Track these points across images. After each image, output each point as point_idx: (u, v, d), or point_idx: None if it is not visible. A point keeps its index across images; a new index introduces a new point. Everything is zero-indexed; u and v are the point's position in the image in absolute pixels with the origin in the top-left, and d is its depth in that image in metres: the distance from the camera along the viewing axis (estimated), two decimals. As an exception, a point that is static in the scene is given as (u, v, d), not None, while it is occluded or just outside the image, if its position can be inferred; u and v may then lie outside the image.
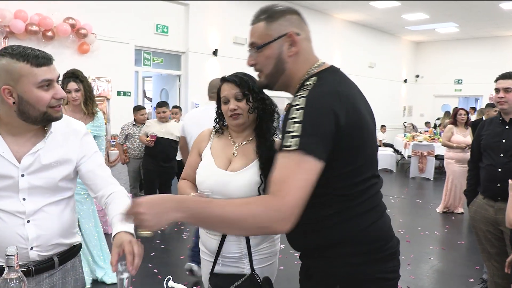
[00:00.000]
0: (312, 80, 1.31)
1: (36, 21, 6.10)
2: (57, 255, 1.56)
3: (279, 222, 1.14)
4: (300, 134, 1.18)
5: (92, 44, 6.84)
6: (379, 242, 1.36)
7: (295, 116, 1.21)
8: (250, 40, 1.41)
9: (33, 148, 1.47)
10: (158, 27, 8.20)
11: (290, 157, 1.18)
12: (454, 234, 5.58)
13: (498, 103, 2.92)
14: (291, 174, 1.16)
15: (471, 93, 15.41)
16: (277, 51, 1.36)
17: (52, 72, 1.40)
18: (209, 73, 9.11)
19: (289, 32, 1.34)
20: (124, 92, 7.52)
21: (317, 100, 1.23)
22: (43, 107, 1.40)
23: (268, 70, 1.39)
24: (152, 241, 4.97)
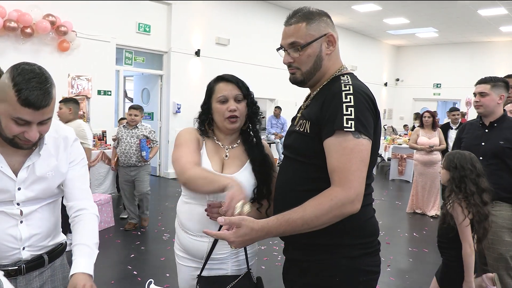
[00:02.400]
0: (346, 77, 1.47)
1: (14, 17, 5.97)
2: (46, 253, 1.58)
3: (350, 207, 1.31)
4: (354, 117, 1.33)
5: (72, 41, 6.73)
6: (373, 236, 1.50)
7: (348, 100, 1.35)
8: (289, 40, 1.48)
9: (27, 161, 1.46)
10: (140, 26, 8.12)
11: (348, 140, 1.33)
12: (433, 235, 5.65)
13: (475, 106, 2.98)
14: (350, 161, 1.32)
15: (449, 97, 15.72)
16: (317, 50, 1.49)
17: (36, 116, 1.31)
18: (191, 73, 9.06)
19: (329, 32, 1.50)
20: (105, 91, 7.42)
21: (362, 91, 1.40)
22: (10, 135, 1.35)
23: (307, 67, 1.50)
24: (131, 243, 4.91)
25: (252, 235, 1.33)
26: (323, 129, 1.39)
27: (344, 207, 1.31)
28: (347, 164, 1.32)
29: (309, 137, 1.45)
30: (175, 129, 8.69)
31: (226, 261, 1.77)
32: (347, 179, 1.31)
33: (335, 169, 1.34)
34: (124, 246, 4.82)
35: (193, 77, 9.03)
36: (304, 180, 1.47)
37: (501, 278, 2.74)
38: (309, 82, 1.54)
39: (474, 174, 2.41)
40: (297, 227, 1.32)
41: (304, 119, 1.50)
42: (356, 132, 1.33)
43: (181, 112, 8.87)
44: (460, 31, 13.28)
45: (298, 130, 1.51)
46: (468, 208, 2.36)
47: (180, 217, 1.83)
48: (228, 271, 1.77)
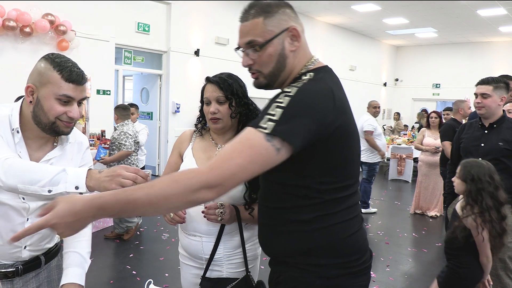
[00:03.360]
0: (309, 75, 1.28)
1: (13, 17, 5.95)
2: (43, 254, 1.60)
3: (204, 193, 1.08)
4: (278, 119, 1.13)
5: (71, 41, 6.71)
6: (356, 255, 1.32)
7: (281, 101, 1.17)
8: (245, 39, 1.30)
9: (47, 155, 1.51)
10: (140, 26, 8.11)
11: (253, 137, 1.12)
12: (432, 236, 5.66)
13: (476, 108, 2.95)
14: (239, 152, 1.11)
15: (448, 97, 15.71)
16: (279, 47, 1.29)
17: (77, 92, 1.43)
18: (190, 73, 9.06)
19: (291, 26, 1.29)
20: (104, 90, 7.41)
21: (308, 94, 1.19)
22: (53, 117, 1.42)
23: (269, 68, 1.31)
24: (130, 242, 4.90)
25: (76, 210, 1.07)
26: None
27: (199, 191, 1.07)
28: (232, 153, 1.11)
29: None
30: (174, 128, 8.69)
31: (220, 263, 1.76)
32: (219, 164, 1.10)
33: (217, 154, 1.15)
34: (123, 246, 4.82)
35: (192, 77, 9.02)
36: (270, 198, 1.36)
37: (500, 279, 2.74)
38: (275, 84, 1.35)
39: (492, 186, 2.27)
40: (140, 206, 1.09)
41: None
42: (269, 135, 1.11)
43: (180, 111, 8.86)
44: (460, 31, 13.29)
45: None
46: (483, 225, 2.24)
47: None
48: (223, 273, 1.76)
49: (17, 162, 1.31)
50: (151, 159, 8.31)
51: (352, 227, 1.33)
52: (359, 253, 1.33)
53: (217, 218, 1.66)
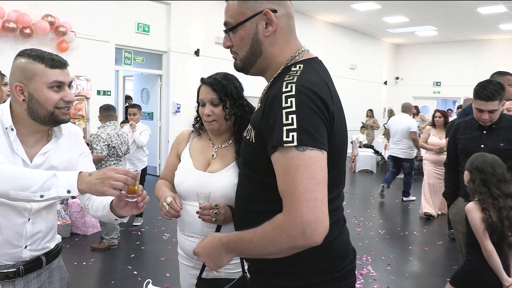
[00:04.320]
0: (298, 66, 1.20)
1: (13, 18, 5.96)
2: (44, 254, 1.61)
3: (303, 240, 1.04)
4: (297, 127, 1.06)
5: (71, 42, 6.72)
6: (340, 260, 1.27)
7: (289, 105, 1.08)
8: (224, 20, 1.28)
9: (43, 148, 1.53)
10: (140, 26, 8.11)
11: (290, 157, 1.06)
12: (433, 234, 5.66)
13: (483, 122, 2.79)
14: (295, 181, 1.05)
15: (449, 95, 15.71)
16: (252, 31, 1.23)
17: (65, 76, 1.47)
18: (191, 72, 9.06)
19: (265, 9, 1.21)
20: (104, 91, 7.41)
21: (308, 90, 1.11)
22: (51, 107, 1.44)
23: (244, 52, 1.26)
24: (131, 243, 4.91)
25: (214, 244, 1.23)
26: (267, 143, 1.13)
27: (294, 239, 1.04)
28: (292, 186, 1.05)
29: (255, 148, 1.21)
30: (175, 128, 8.69)
31: None
32: (293, 205, 1.04)
33: (282, 193, 1.09)
34: (124, 246, 4.82)
35: (192, 77, 9.02)
36: (254, 199, 1.27)
37: None
38: (252, 70, 1.30)
39: (496, 178, 2.36)
40: (250, 250, 1.15)
41: (251, 125, 1.26)
42: (299, 146, 1.05)
43: (180, 111, 8.86)
44: (460, 29, 13.27)
45: (245, 138, 1.29)
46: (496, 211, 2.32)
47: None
48: (221, 274, 1.75)
49: (7, 168, 1.31)
50: (152, 159, 8.31)
51: (334, 232, 1.22)
52: (342, 258, 1.28)
53: (211, 218, 1.66)
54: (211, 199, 1.68)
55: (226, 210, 1.69)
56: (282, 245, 1.07)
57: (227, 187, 1.71)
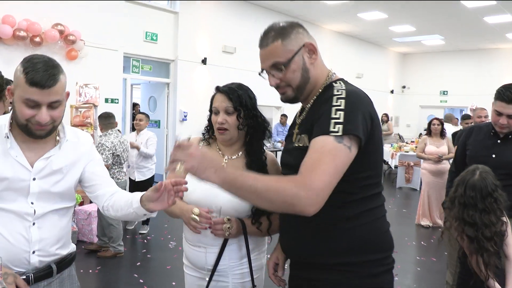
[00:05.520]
0: (339, 82, 1.43)
1: (24, 27, 6.04)
2: (55, 262, 1.59)
3: (303, 201, 1.18)
4: (343, 120, 1.26)
5: (80, 50, 6.79)
6: (390, 251, 1.43)
7: (339, 104, 1.30)
8: (269, 62, 1.43)
9: (46, 153, 1.53)
10: (148, 35, 8.18)
11: (328, 143, 1.25)
12: (441, 244, 5.60)
13: (497, 126, 2.57)
14: (321, 159, 1.23)
15: (456, 105, 15.63)
16: (301, 63, 1.43)
17: (42, 96, 1.38)
18: (198, 81, 9.10)
19: (306, 42, 1.43)
20: (112, 99, 7.47)
21: (356, 95, 1.35)
22: (23, 119, 1.42)
23: (296, 82, 1.44)
24: (137, 251, 4.91)
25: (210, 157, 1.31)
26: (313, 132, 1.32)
27: (298, 198, 1.19)
28: (316, 162, 1.23)
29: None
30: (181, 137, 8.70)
31: (225, 274, 1.74)
32: (311, 175, 1.21)
33: (304, 163, 1.25)
34: (130, 254, 4.83)
35: (199, 85, 9.07)
36: None
37: None
38: (302, 96, 1.49)
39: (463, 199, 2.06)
40: (246, 183, 1.24)
41: (303, 133, 1.43)
42: (341, 137, 1.25)
43: (187, 119, 8.90)
44: (467, 38, 13.24)
45: (299, 146, 1.43)
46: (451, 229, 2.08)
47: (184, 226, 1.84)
48: (229, 284, 1.74)
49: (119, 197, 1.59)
50: (158, 167, 8.31)
51: (386, 223, 1.45)
52: (391, 249, 1.44)
53: (224, 233, 1.64)
54: (222, 210, 1.67)
55: (238, 224, 1.68)
56: (286, 197, 1.20)
57: (237, 200, 1.70)
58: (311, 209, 1.19)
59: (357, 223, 1.36)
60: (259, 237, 1.79)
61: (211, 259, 1.73)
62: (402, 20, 11.34)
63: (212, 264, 1.73)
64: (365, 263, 1.35)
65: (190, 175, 1.78)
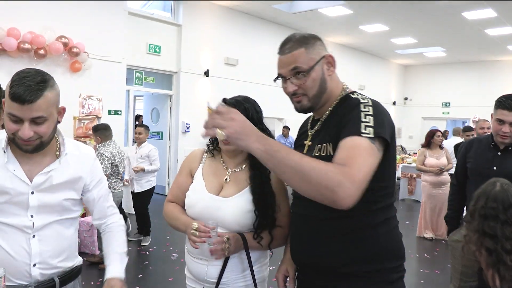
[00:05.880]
0: (356, 94, 1.48)
1: (28, 39, 6.11)
2: (58, 276, 1.57)
3: (347, 190, 1.15)
4: (373, 125, 1.30)
5: (84, 62, 6.85)
6: (404, 258, 1.48)
7: (367, 110, 1.35)
8: (289, 67, 1.44)
9: (46, 167, 1.51)
10: (151, 47, 8.25)
11: (362, 141, 1.27)
12: (445, 257, 5.56)
13: (499, 135, 2.54)
14: (360, 155, 1.24)
15: (458, 116, 15.64)
16: (320, 73, 1.47)
17: (23, 111, 1.36)
18: (200, 93, 9.15)
19: (327, 54, 1.50)
20: (115, 110, 7.51)
21: (379, 104, 1.41)
22: (10, 134, 1.42)
23: (313, 92, 1.46)
24: (139, 262, 4.89)
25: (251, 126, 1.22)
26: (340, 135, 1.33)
27: (339, 185, 1.15)
28: (356, 157, 1.23)
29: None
30: (184, 148, 8.73)
31: (227, 286, 1.73)
32: (355, 166, 1.20)
33: (341, 158, 1.24)
34: (132, 266, 4.80)
35: (202, 97, 9.11)
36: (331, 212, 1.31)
37: None
38: (317, 106, 1.50)
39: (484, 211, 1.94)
40: (290, 159, 1.18)
41: (325, 143, 1.43)
42: (372, 139, 1.28)
43: (190, 131, 8.92)
44: (468, 50, 13.30)
45: (320, 155, 1.42)
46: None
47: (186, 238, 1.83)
48: None
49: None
50: (160, 178, 8.34)
51: (398, 232, 1.52)
52: (404, 257, 1.50)
53: (224, 253, 1.63)
54: (224, 224, 1.67)
55: (236, 240, 1.66)
56: (328, 182, 1.15)
57: (240, 213, 1.69)
58: (350, 200, 1.16)
59: (380, 232, 1.41)
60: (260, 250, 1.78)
61: (211, 272, 1.72)
62: (404, 33, 11.41)
63: (212, 277, 1.72)
64: (383, 271, 1.40)
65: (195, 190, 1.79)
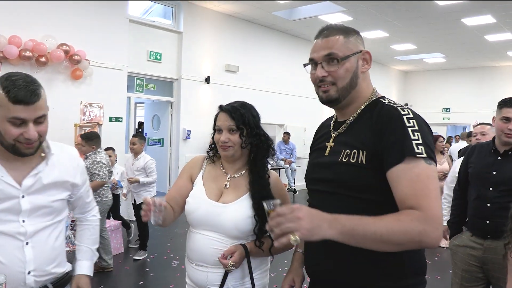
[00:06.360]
0: (387, 100, 1.41)
1: (30, 47, 6.14)
2: (51, 282, 1.57)
3: (431, 235, 1.16)
4: (422, 142, 1.24)
5: (85, 70, 6.88)
6: (425, 273, 1.40)
7: (412, 125, 1.28)
8: (325, 52, 1.38)
9: (34, 170, 1.51)
10: (152, 54, 8.29)
11: (421, 167, 1.22)
12: (446, 262, 5.54)
13: (505, 134, 2.54)
14: (428, 187, 1.20)
15: (459, 122, 15.66)
16: (355, 65, 1.39)
17: (29, 112, 1.37)
18: (201, 99, 9.18)
19: (365, 50, 1.42)
20: (116, 117, 7.53)
21: (417, 114, 1.33)
22: (10, 139, 1.39)
23: (344, 83, 1.38)
24: (140, 269, 4.88)
25: (319, 213, 1.16)
26: (387, 157, 1.26)
27: (426, 234, 1.15)
28: (425, 191, 1.19)
29: (365, 169, 1.30)
30: (185, 155, 8.75)
31: None
32: (429, 205, 1.17)
33: (410, 196, 1.20)
34: (133, 273, 4.80)
35: (203, 104, 9.14)
36: None
37: None
38: (343, 101, 1.41)
39: None
40: (368, 231, 1.15)
41: (355, 149, 1.34)
42: (428, 159, 1.23)
43: (191, 138, 8.94)
44: (468, 56, 13.34)
45: (349, 162, 1.34)
46: None
47: (187, 245, 1.83)
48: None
49: None
50: (161, 185, 8.34)
51: None
52: (426, 271, 1.41)
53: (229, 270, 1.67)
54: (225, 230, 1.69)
55: (240, 253, 1.68)
56: (414, 236, 1.15)
57: (240, 219, 1.69)
58: (437, 240, 1.18)
59: None
60: (261, 257, 1.79)
61: (212, 279, 1.72)
62: (404, 39, 11.46)
63: (213, 284, 1.71)
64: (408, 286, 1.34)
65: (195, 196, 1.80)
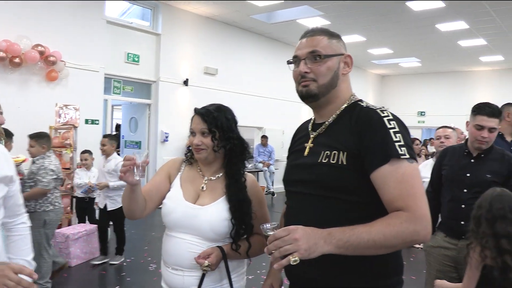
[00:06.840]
0: (364, 102, 1.46)
1: (3, 48, 6.01)
2: None
3: (422, 233, 1.24)
4: (404, 144, 1.30)
5: (60, 71, 6.77)
6: (402, 273, 1.46)
7: (393, 126, 1.32)
8: (308, 49, 1.44)
9: None
10: (129, 56, 8.21)
11: (405, 167, 1.28)
12: (421, 262, 5.65)
13: (477, 141, 2.61)
14: (414, 186, 1.27)
15: (433, 125, 15.97)
16: (336, 66, 1.45)
17: None
18: (179, 102, 9.13)
19: (347, 53, 1.49)
20: (93, 120, 7.42)
21: (396, 116, 1.38)
22: None
23: (324, 80, 1.44)
24: (116, 274, 4.82)
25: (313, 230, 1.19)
26: (370, 159, 1.30)
27: (417, 234, 1.22)
28: (411, 190, 1.26)
29: (346, 169, 1.33)
30: (162, 157, 8.67)
31: None
32: (416, 205, 1.24)
33: (397, 197, 1.25)
34: (109, 277, 4.73)
35: (181, 106, 9.09)
36: (337, 219, 1.30)
37: None
38: (322, 98, 1.45)
39: (490, 214, 1.96)
40: (362, 240, 1.19)
41: (335, 150, 1.37)
42: (410, 159, 1.28)
43: (168, 140, 8.88)
44: (442, 61, 13.68)
45: (329, 163, 1.37)
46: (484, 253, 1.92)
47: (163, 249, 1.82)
48: None
49: None
50: (139, 188, 8.24)
51: None
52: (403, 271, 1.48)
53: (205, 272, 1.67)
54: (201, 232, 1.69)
55: (217, 255, 1.68)
56: (406, 238, 1.22)
57: (216, 221, 1.70)
58: (429, 237, 1.26)
59: None
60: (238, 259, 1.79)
61: (188, 282, 1.71)
62: (380, 43, 11.68)
63: (189, 286, 1.70)
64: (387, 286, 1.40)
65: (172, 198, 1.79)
